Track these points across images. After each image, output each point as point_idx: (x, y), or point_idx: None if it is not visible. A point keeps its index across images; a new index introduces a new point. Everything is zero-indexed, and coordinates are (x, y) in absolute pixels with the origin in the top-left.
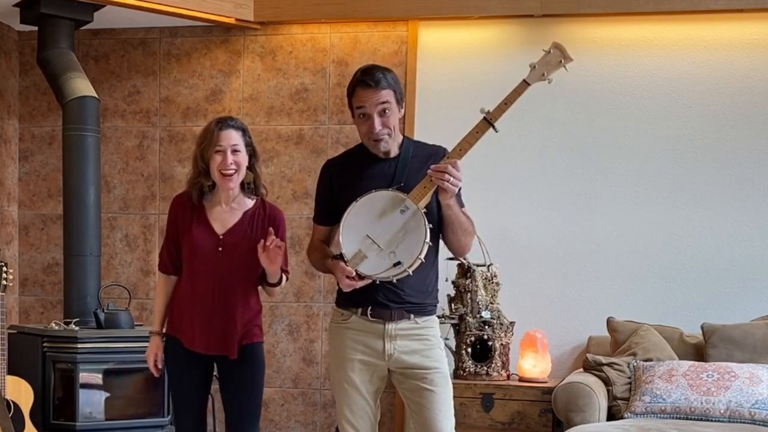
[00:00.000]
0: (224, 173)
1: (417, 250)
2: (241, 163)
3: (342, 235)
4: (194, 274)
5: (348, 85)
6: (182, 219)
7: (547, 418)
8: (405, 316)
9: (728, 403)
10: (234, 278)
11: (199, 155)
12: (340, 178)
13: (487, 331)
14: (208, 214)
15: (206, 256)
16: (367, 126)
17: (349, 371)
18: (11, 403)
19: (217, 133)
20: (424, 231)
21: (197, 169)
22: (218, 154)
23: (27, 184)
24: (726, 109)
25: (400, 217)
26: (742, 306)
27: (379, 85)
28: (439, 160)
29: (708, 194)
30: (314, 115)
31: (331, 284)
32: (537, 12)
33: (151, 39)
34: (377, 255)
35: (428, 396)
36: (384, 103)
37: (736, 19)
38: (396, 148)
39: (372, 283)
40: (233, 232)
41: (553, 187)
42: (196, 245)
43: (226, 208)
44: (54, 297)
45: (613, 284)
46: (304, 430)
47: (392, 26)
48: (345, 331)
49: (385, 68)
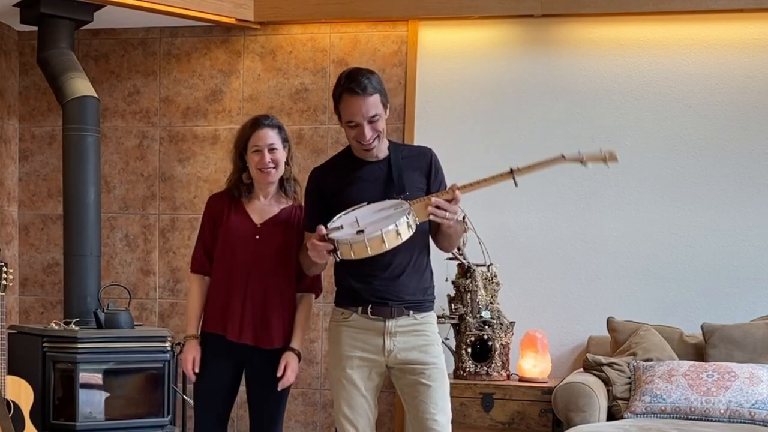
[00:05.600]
0: (262, 170)
1: (383, 227)
2: (279, 160)
3: (338, 217)
4: (230, 262)
5: (333, 89)
6: (219, 213)
7: (547, 418)
8: (404, 313)
9: (728, 403)
10: (271, 268)
11: (237, 155)
12: (331, 184)
13: (487, 331)
14: (246, 206)
15: (243, 244)
16: (357, 132)
17: (347, 368)
18: (11, 403)
19: (253, 134)
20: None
21: (236, 167)
22: (256, 153)
23: (27, 184)
24: (726, 109)
25: (392, 211)
26: (742, 306)
27: (366, 91)
28: (426, 162)
29: (708, 194)
30: (314, 115)
31: (331, 284)
32: (537, 12)
33: (151, 39)
34: (350, 228)
35: (424, 390)
36: (374, 116)
37: (736, 19)
38: (384, 149)
39: (371, 282)
40: (270, 223)
41: (553, 187)
42: (234, 232)
43: (265, 202)
44: (54, 297)
45: (613, 284)
46: (304, 430)
47: (392, 26)
48: (345, 329)
49: (368, 71)
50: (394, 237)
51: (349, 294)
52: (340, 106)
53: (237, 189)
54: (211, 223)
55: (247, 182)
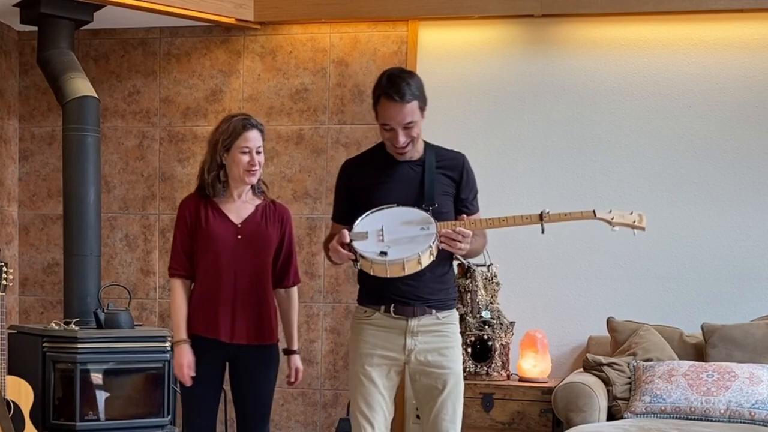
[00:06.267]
0: (250, 171)
1: (406, 255)
2: (262, 163)
3: (365, 216)
4: (215, 265)
5: (373, 89)
6: (195, 216)
7: (547, 418)
8: (426, 312)
9: (728, 403)
10: (255, 266)
11: (220, 150)
12: (360, 179)
13: (487, 331)
14: (221, 207)
15: (226, 246)
16: (391, 136)
17: (367, 365)
18: (11, 403)
19: (243, 134)
20: (426, 250)
21: (216, 165)
22: (244, 154)
23: (27, 184)
24: (726, 109)
25: (418, 231)
26: (742, 306)
27: (404, 98)
28: (458, 169)
29: (708, 194)
30: (314, 115)
31: (331, 284)
32: (537, 12)
33: (151, 39)
34: (375, 241)
35: (437, 396)
36: (409, 123)
37: (736, 19)
38: (419, 149)
39: (394, 281)
40: (250, 221)
41: (553, 187)
42: (215, 236)
43: (240, 201)
44: (54, 297)
45: (613, 284)
46: (304, 430)
47: (392, 26)
48: (367, 327)
49: (409, 75)
50: (414, 265)
51: (372, 293)
52: (377, 107)
53: (212, 188)
54: (188, 226)
55: (223, 180)
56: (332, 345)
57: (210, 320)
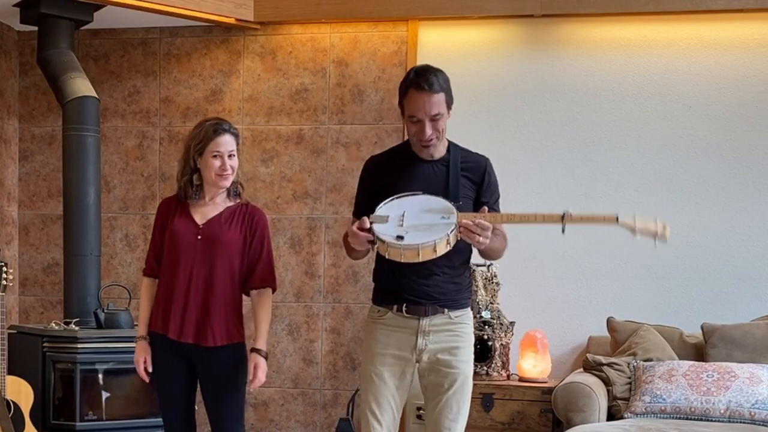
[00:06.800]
0: (222, 175)
1: (422, 241)
2: (235, 167)
3: (390, 200)
4: (174, 264)
5: (400, 83)
6: (167, 217)
7: (547, 418)
8: (439, 311)
9: (728, 403)
10: (214, 267)
11: (193, 155)
12: (382, 177)
13: (487, 331)
14: (191, 209)
15: (186, 245)
16: (417, 128)
17: (379, 365)
18: (11, 403)
19: (215, 139)
20: (443, 239)
21: (189, 168)
22: (216, 159)
23: (27, 184)
24: (726, 109)
25: (439, 220)
26: (742, 306)
27: (433, 88)
28: (480, 172)
29: (708, 194)
30: (314, 115)
31: (331, 284)
32: (537, 12)
33: (151, 39)
34: (394, 225)
35: (443, 394)
36: (437, 114)
37: (736, 19)
38: (442, 149)
39: (407, 280)
40: (212, 223)
41: (553, 186)
42: (177, 235)
43: (209, 203)
44: (54, 297)
45: (613, 284)
46: (304, 430)
47: (392, 26)
48: (380, 326)
49: (436, 69)
50: (430, 252)
51: (385, 292)
52: (404, 100)
53: (184, 191)
54: (161, 226)
55: (197, 183)
56: (332, 345)
57: (164, 317)
